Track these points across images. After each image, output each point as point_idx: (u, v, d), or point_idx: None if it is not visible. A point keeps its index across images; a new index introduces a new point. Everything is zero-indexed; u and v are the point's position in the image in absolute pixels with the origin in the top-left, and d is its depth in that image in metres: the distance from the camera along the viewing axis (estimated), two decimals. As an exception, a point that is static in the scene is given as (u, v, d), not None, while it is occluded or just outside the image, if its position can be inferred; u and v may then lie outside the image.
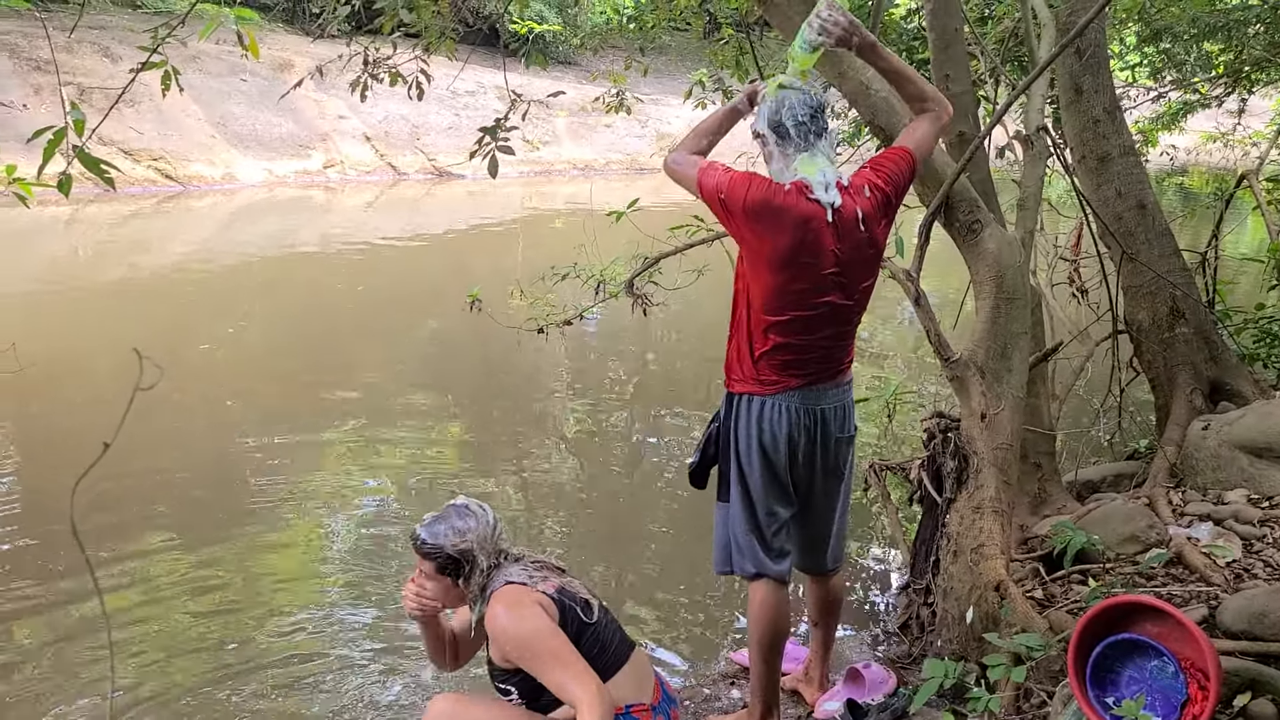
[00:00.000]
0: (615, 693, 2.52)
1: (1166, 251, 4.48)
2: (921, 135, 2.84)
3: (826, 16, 2.64)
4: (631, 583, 4.44)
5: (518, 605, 2.44)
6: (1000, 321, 3.37)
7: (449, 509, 2.56)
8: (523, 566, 2.55)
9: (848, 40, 2.67)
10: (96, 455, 1.65)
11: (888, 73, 2.85)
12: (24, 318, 8.55)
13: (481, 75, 18.59)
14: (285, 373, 7.51)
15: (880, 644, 3.78)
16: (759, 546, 2.82)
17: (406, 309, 9.69)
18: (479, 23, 6.06)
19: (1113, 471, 4.57)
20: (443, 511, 2.56)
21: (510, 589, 2.48)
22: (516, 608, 2.43)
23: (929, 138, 2.86)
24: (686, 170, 2.77)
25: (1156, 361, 4.48)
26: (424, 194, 17.52)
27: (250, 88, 17.48)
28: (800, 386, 2.75)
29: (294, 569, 4.59)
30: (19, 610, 4.04)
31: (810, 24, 2.66)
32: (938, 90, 2.97)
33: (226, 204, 15.15)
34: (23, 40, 15.06)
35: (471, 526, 2.52)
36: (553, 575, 2.57)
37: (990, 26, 6.47)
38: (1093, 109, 4.45)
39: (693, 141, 2.85)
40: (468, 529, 2.51)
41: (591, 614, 2.54)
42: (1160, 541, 3.37)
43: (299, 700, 3.53)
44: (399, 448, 6.04)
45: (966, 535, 3.19)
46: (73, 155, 2.84)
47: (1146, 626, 2.51)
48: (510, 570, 2.54)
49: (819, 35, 2.65)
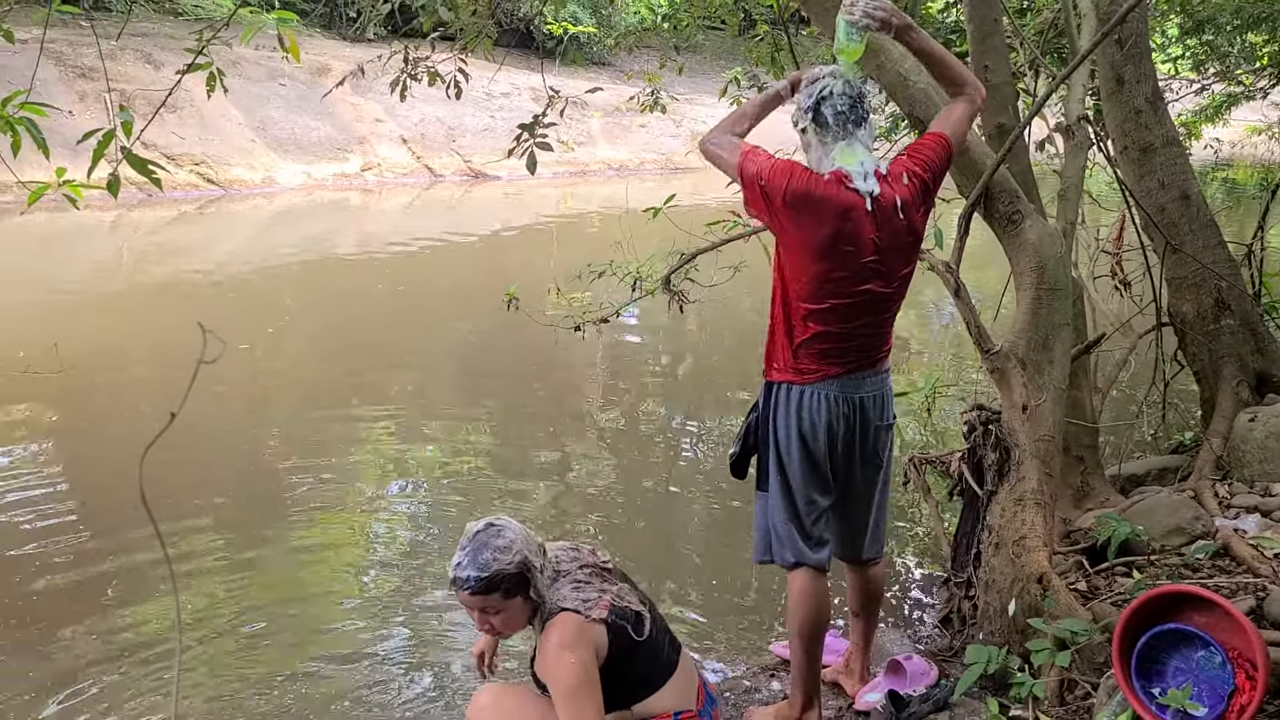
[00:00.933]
0: (664, 701, 2.54)
1: (1211, 243, 4.42)
2: (956, 119, 2.84)
3: (864, 3, 2.65)
4: (672, 576, 4.45)
5: (571, 648, 2.37)
6: (1041, 313, 3.35)
7: (475, 539, 2.43)
8: (574, 585, 2.47)
9: (888, 22, 2.68)
10: (143, 451, 1.68)
11: (923, 55, 2.84)
12: (69, 319, 8.71)
13: (516, 77, 18.71)
14: (325, 371, 7.60)
15: (921, 637, 3.77)
16: (798, 535, 2.82)
17: (445, 309, 9.77)
18: (515, 23, 6.11)
19: (1157, 465, 4.52)
20: (472, 544, 2.43)
21: (568, 620, 2.40)
22: (570, 650, 2.36)
23: (964, 122, 2.86)
24: (726, 153, 2.73)
25: (1201, 354, 4.42)
26: (460, 195, 17.63)
27: (289, 92, 17.68)
28: (839, 375, 2.75)
29: (334, 565, 4.65)
30: (79, 588, 4.13)
31: (851, 11, 2.67)
32: (973, 75, 2.96)
33: (267, 207, 15.33)
34: (68, 48, 15.33)
35: (511, 538, 2.42)
36: (605, 588, 2.51)
37: (1030, 18, 6.42)
38: (1135, 99, 4.40)
39: (731, 123, 2.82)
40: (510, 543, 2.41)
41: (643, 629, 2.51)
42: (1206, 533, 3.33)
43: (340, 692, 3.58)
44: (438, 446, 6.09)
45: (1008, 528, 3.17)
46: (120, 158, 2.91)
47: (1193, 617, 2.49)
48: (563, 591, 2.46)
49: (863, 18, 2.66)
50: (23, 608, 4.09)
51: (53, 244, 12.31)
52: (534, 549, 2.47)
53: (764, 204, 2.67)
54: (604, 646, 2.44)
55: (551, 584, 2.48)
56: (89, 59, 15.10)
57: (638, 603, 2.57)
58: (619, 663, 2.47)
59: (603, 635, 2.44)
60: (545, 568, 2.48)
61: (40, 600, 4.15)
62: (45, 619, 4.00)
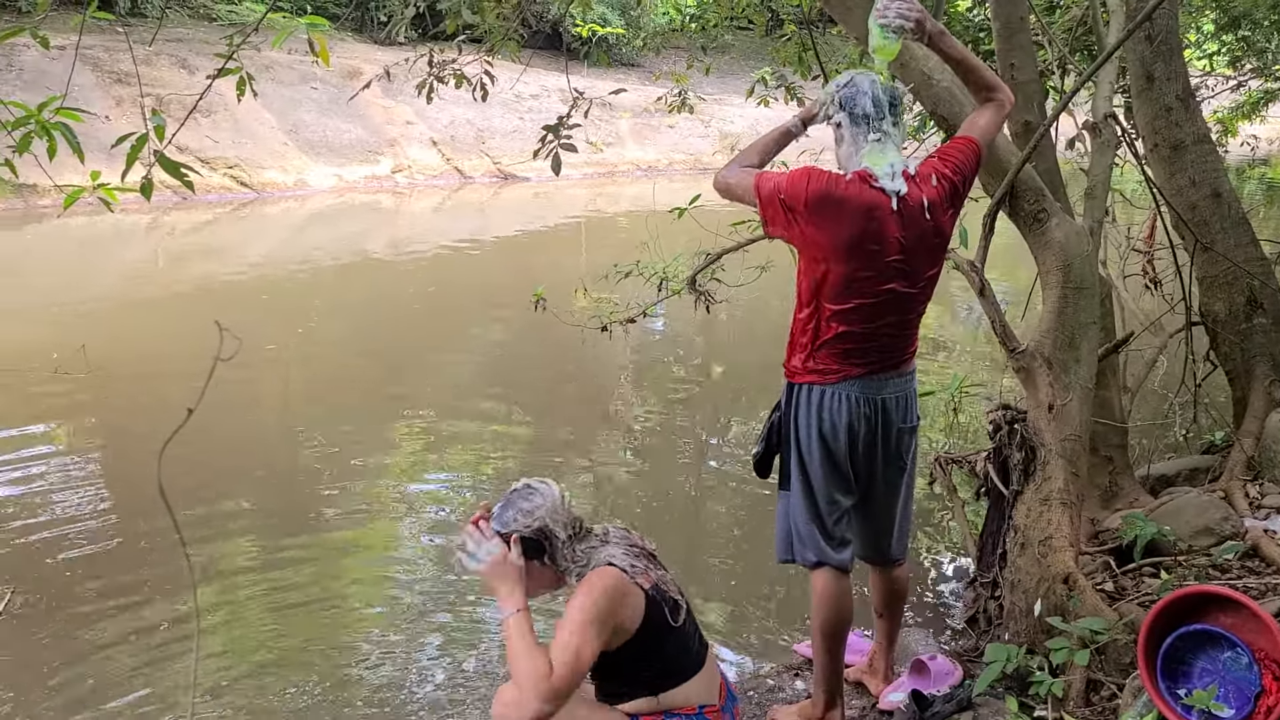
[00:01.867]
0: (689, 694, 2.54)
1: (1243, 241, 4.37)
2: (985, 123, 2.85)
3: (898, 6, 2.66)
4: (697, 573, 4.46)
5: (604, 593, 2.39)
6: (1068, 312, 3.33)
7: (511, 494, 2.55)
8: (624, 550, 2.52)
9: (921, 25, 2.68)
10: (162, 445, 1.72)
11: (953, 61, 2.85)
12: (104, 320, 8.86)
13: (545, 78, 18.77)
14: (354, 372, 7.67)
15: (946, 638, 3.76)
16: (820, 535, 2.83)
17: (473, 309, 9.83)
18: (542, 25, 6.14)
19: (1188, 466, 4.48)
20: (506, 499, 2.54)
21: (612, 571, 2.44)
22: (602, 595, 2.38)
23: (993, 125, 2.87)
24: (741, 180, 2.78)
25: (1233, 353, 4.37)
26: (490, 197, 17.73)
27: (321, 95, 17.85)
28: (861, 375, 2.75)
29: (359, 562, 4.70)
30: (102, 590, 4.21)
31: (885, 14, 2.67)
32: (1001, 80, 2.96)
33: (299, 209, 15.49)
34: (104, 54, 15.56)
35: (539, 503, 2.49)
36: (650, 566, 2.55)
37: (1058, 15, 6.37)
38: (1165, 96, 4.36)
39: (744, 158, 2.86)
40: (535, 506, 2.49)
41: (678, 617, 2.53)
42: (1235, 534, 3.30)
43: (368, 688, 3.63)
44: (466, 445, 6.14)
45: (1034, 527, 3.16)
46: (154, 161, 2.96)
47: (1220, 618, 2.47)
48: (613, 551, 2.50)
49: (897, 20, 2.67)
50: (51, 594, 4.17)
51: (90, 246, 12.52)
52: (562, 519, 2.50)
53: (786, 217, 2.67)
54: (638, 615, 2.45)
55: (602, 545, 2.52)
56: (125, 64, 15.32)
57: (676, 592, 2.60)
58: (652, 642, 2.49)
59: (640, 603, 2.45)
60: (579, 539, 2.51)
61: (65, 587, 4.23)
62: (70, 608, 4.08)
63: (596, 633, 2.35)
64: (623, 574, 2.45)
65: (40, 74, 14.31)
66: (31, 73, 14.39)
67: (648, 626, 2.47)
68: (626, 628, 2.44)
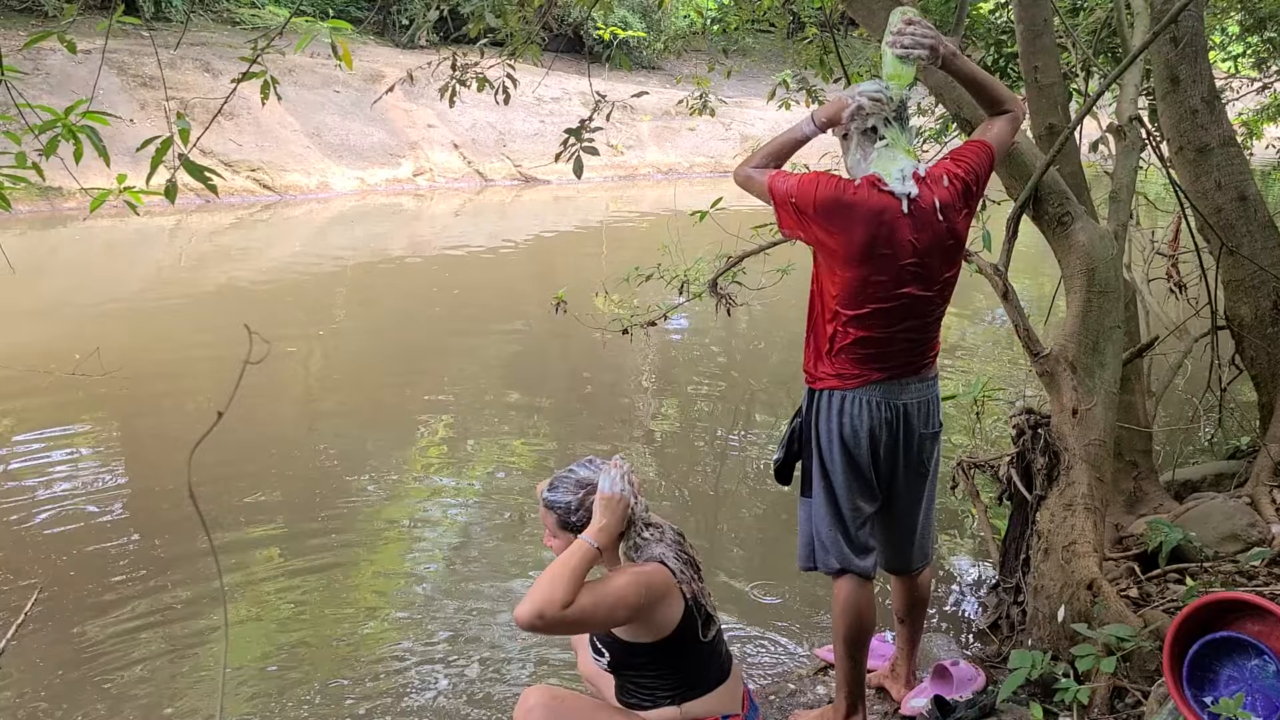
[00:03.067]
0: (712, 704, 2.56)
1: (1270, 244, 4.33)
2: (998, 131, 2.87)
3: (912, 32, 2.66)
4: (719, 578, 4.45)
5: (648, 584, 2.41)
6: (1092, 315, 3.31)
7: (575, 465, 2.58)
8: (675, 554, 2.54)
9: (936, 50, 2.69)
10: (192, 448, 1.73)
11: (965, 80, 2.86)
12: (127, 321, 8.94)
13: (566, 82, 18.80)
14: (376, 373, 7.71)
15: (969, 643, 3.73)
16: (843, 542, 2.81)
17: (494, 312, 9.85)
18: (563, 28, 6.15)
19: (1213, 471, 4.44)
20: (567, 468, 2.58)
21: (663, 571, 2.47)
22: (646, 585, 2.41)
23: (1006, 134, 2.88)
24: (757, 178, 2.81)
25: (1260, 358, 4.33)
26: (511, 200, 17.77)
27: (343, 99, 17.94)
28: (882, 380, 2.74)
29: (381, 564, 4.72)
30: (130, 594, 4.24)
31: (899, 40, 2.67)
32: (1013, 93, 2.97)
33: (321, 212, 15.57)
34: (129, 58, 15.70)
35: (580, 478, 2.53)
36: (694, 577, 2.57)
37: (1083, 18, 6.32)
38: (1190, 99, 4.32)
39: (761, 160, 2.87)
40: (576, 481, 2.52)
41: (709, 632, 2.55)
42: (1262, 540, 3.27)
43: (389, 696, 3.64)
44: (486, 447, 6.15)
45: (1058, 533, 3.13)
46: (178, 164, 2.99)
47: (1247, 625, 2.44)
48: (665, 549, 2.53)
49: (914, 49, 2.67)
50: (75, 593, 4.21)
51: (115, 248, 12.63)
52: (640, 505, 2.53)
53: (797, 219, 2.70)
54: (675, 619, 2.48)
55: (659, 540, 2.55)
56: (150, 68, 15.45)
57: (711, 608, 2.62)
58: (681, 650, 2.51)
59: (679, 609, 2.48)
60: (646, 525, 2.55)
61: (88, 587, 4.26)
62: (95, 604, 4.12)
63: (623, 613, 2.39)
64: (671, 575, 2.48)
65: (66, 78, 14.44)
66: (58, 76, 14.53)
67: (680, 633, 2.49)
68: (662, 627, 2.46)
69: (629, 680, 2.59)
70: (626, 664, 2.54)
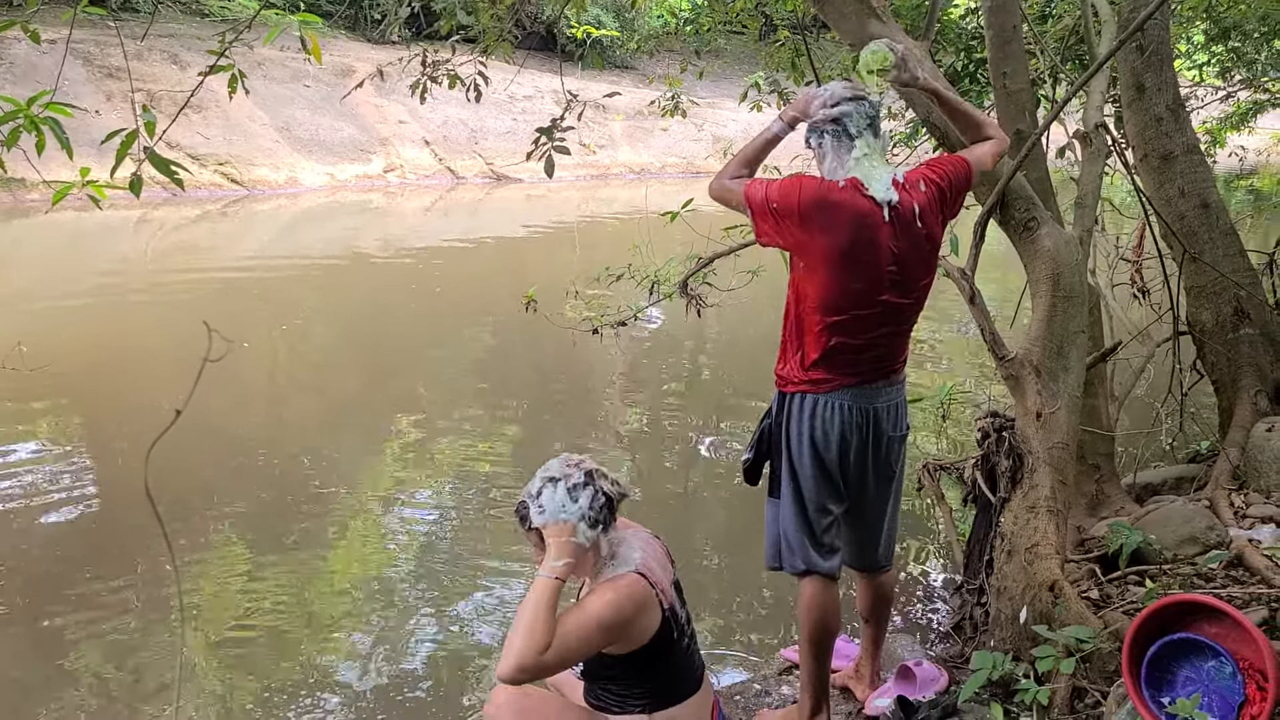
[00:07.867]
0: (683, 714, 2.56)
1: (1231, 251, 4.40)
2: (980, 153, 2.91)
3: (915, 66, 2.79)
4: (686, 579, 4.44)
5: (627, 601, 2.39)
6: (1057, 320, 3.35)
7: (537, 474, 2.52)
8: (656, 560, 2.53)
9: (913, 83, 2.74)
10: (152, 446, 1.72)
11: (948, 109, 2.92)
12: (88, 315, 8.81)
13: (539, 80, 18.79)
14: (342, 371, 7.65)
15: (933, 644, 3.76)
16: (809, 543, 2.83)
17: (464, 310, 9.81)
18: (536, 26, 6.13)
19: (1174, 474, 4.49)
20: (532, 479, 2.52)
21: (641, 584, 2.44)
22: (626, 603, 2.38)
23: (987, 157, 2.92)
24: (732, 188, 2.78)
25: (1220, 363, 4.40)
26: (482, 198, 17.71)
27: (313, 94, 17.81)
28: (854, 385, 2.75)
29: (347, 563, 4.68)
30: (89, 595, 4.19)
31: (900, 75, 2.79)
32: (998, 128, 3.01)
33: (290, 207, 15.45)
34: (95, 49, 15.50)
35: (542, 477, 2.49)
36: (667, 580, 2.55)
37: (1050, 25, 6.39)
38: (1155, 107, 4.39)
39: (735, 168, 2.84)
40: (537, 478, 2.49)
41: (683, 641, 2.56)
42: (1220, 543, 3.31)
43: (351, 691, 3.62)
44: (454, 447, 6.12)
45: (1021, 535, 3.16)
46: (143, 158, 2.95)
47: (1204, 627, 2.48)
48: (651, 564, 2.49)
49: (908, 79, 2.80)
50: (34, 591, 4.15)
51: (79, 241, 12.46)
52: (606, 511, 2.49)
53: (776, 225, 2.67)
54: (651, 630, 2.46)
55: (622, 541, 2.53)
56: (116, 59, 15.28)
57: (685, 618, 2.62)
58: (655, 660, 2.50)
59: (656, 620, 2.47)
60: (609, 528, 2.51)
61: (52, 586, 4.21)
62: (55, 607, 4.06)
63: (601, 637, 2.36)
64: (650, 588, 2.46)
65: (30, 68, 14.25)
66: (22, 66, 14.33)
67: (655, 644, 2.48)
68: (637, 639, 2.44)
69: (600, 687, 2.58)
70: (599, 673, 2.53)
